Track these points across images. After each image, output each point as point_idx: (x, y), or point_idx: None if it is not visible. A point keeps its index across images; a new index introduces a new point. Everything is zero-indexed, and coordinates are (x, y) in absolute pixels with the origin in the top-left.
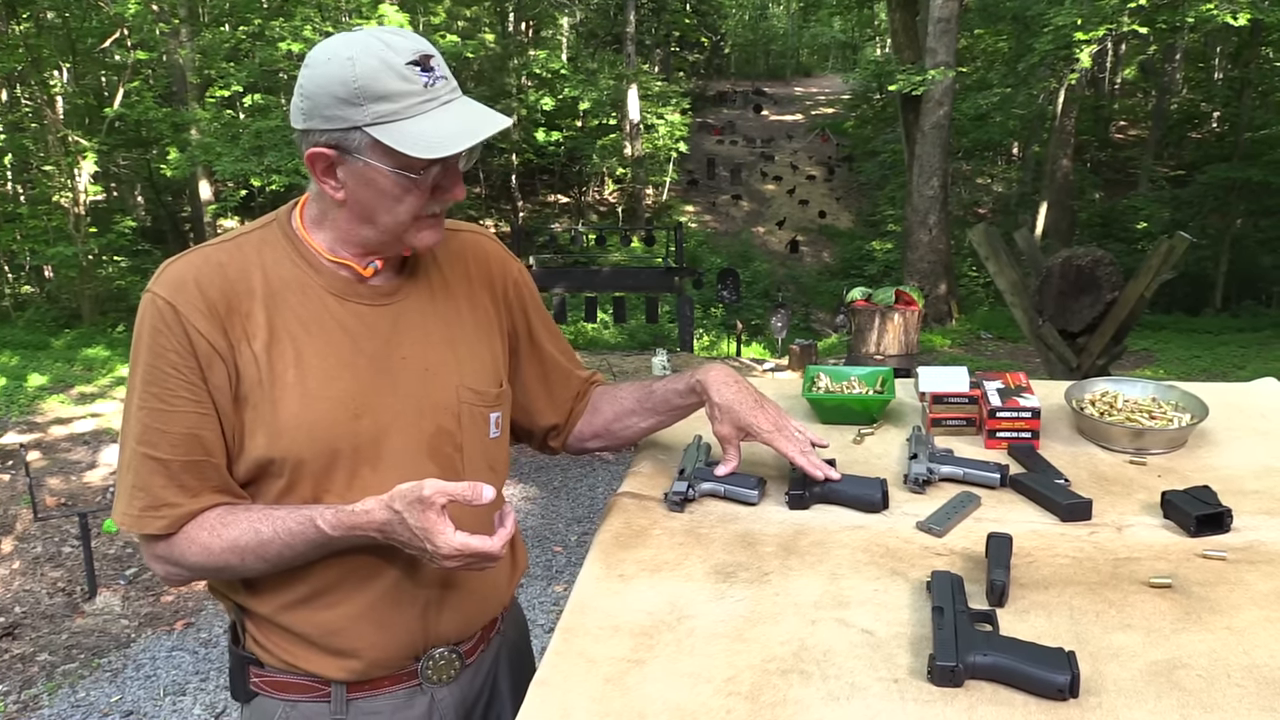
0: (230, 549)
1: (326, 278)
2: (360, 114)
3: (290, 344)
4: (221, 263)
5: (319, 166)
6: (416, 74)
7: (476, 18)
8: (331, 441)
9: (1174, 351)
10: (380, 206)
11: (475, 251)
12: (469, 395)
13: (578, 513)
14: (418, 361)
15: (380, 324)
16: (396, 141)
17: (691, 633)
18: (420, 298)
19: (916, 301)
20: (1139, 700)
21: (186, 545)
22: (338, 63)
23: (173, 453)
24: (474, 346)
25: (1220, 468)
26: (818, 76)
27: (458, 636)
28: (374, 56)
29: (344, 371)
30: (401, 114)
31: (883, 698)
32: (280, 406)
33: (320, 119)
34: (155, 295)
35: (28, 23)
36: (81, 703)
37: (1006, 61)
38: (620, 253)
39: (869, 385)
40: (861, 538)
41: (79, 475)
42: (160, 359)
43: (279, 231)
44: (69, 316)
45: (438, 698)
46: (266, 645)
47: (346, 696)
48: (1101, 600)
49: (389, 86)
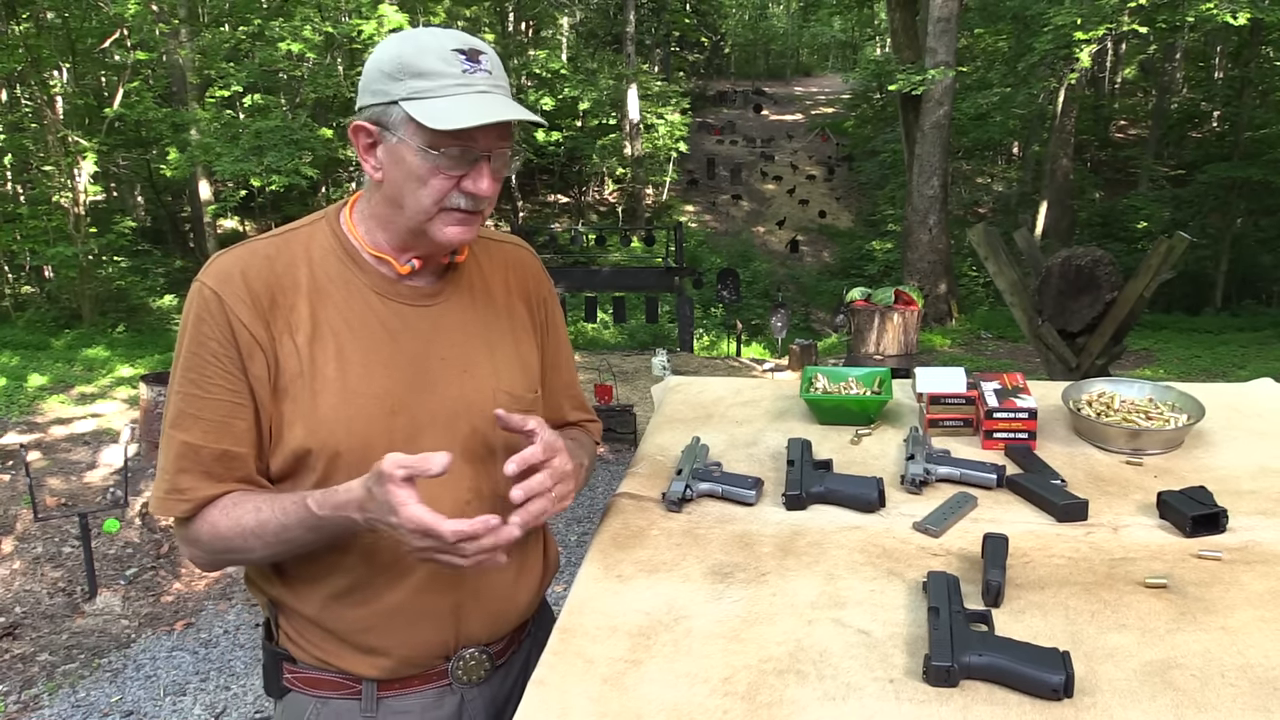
0: (235, 529)
1: (370, 276)
2: (399, 88)
3: (332, 339)
4: (269, 256)
5: (361, 142)
6: (459, 60)
7: (476, 18)
8: (368, 437)
9: (1174, 351)
10: (407, 188)
11: (515, 262)
12: (505, 399)
13: (577, 513)
14: (456, 363)
15: (421, 324)
16: (420, 114)
17: (689, 633)
18: (461, 301)
19: (916, 301)
20: (1133, 700)
21: (202, 526)
22: (393, 43)
23: (204, 439)
24: (511, 352)
25: (1217, 468)
26: (818, 76)
27: (488, 637)
28: (426, 39)
29: (383, 369)
30: (434, 92)
31: (878, 697)
32: (319, 400)
33: (369, 94)
34: (203, 285)
35: (27, 23)
36: (82, 703)
37: (1006, 61)
38: (620, 252)
39: (866, 386)
40: (858, 538)
41: (79, 475)
42: (202, 347)
43: (327, 228)
44: (69, 317)
45: (468, 698)
46: (299, 641)
47: (377, 695)
48: (1097, 600)
49: (428, 65)
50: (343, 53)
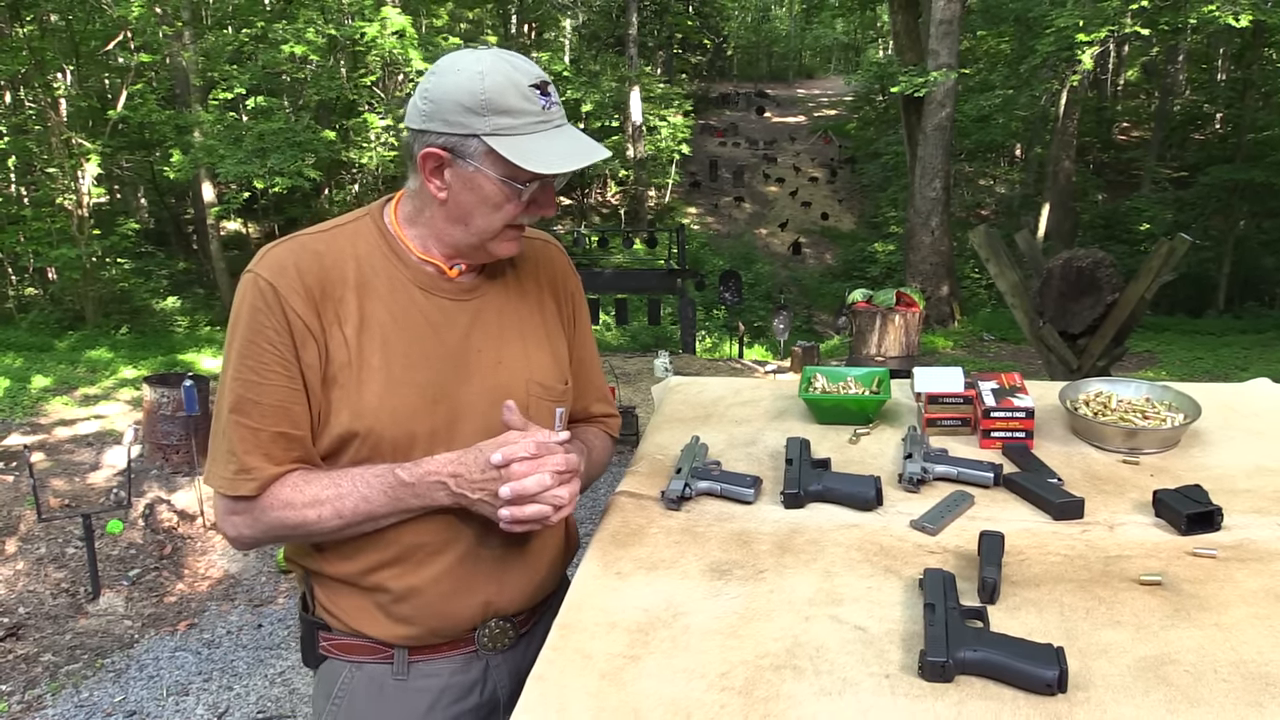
0: (310, 503)
1: (414, 271)
2: (482, 123)
3: (379, 331)
4: (319, 251)
5: (429, 165)
6: (537, 97)
7: (479, 20)
8: (410, 425)
9: (1176, 353)
10: (478, 211)
11: (545, 258)
12: (537, 389)
13: (577, 512)
14: (491, 355)
15: (460, 318)
16: (511, 153)
17: (687, 629)
18: (497, 296)
19: (917, 303)
20: (1127, 695)
21: (269, 503)
22: (468, 75)
23: (263, 422)
24: (543, 344)
25: (1213, 467)
26: (820, 78)
27: (515, 609)
28: (502, 75)
29: (426, 361)
30: (519, 129)
31: (874, 692)
32: (365, 389)
33: (441, 122)
34: (258, 276)
35: (31, 25)
36: (85, 703)
37: (1009, 63)
38: (623, 255)
39: (865, 386)
40: (855, 536)
41: (82, 476)
42: (259, 335)
43: (372, 225)
44: (72, 318)
45: (493, 664)
46: (334, 610)
47: (408, 659)
48: (1092, 597)
49: (512, 103)
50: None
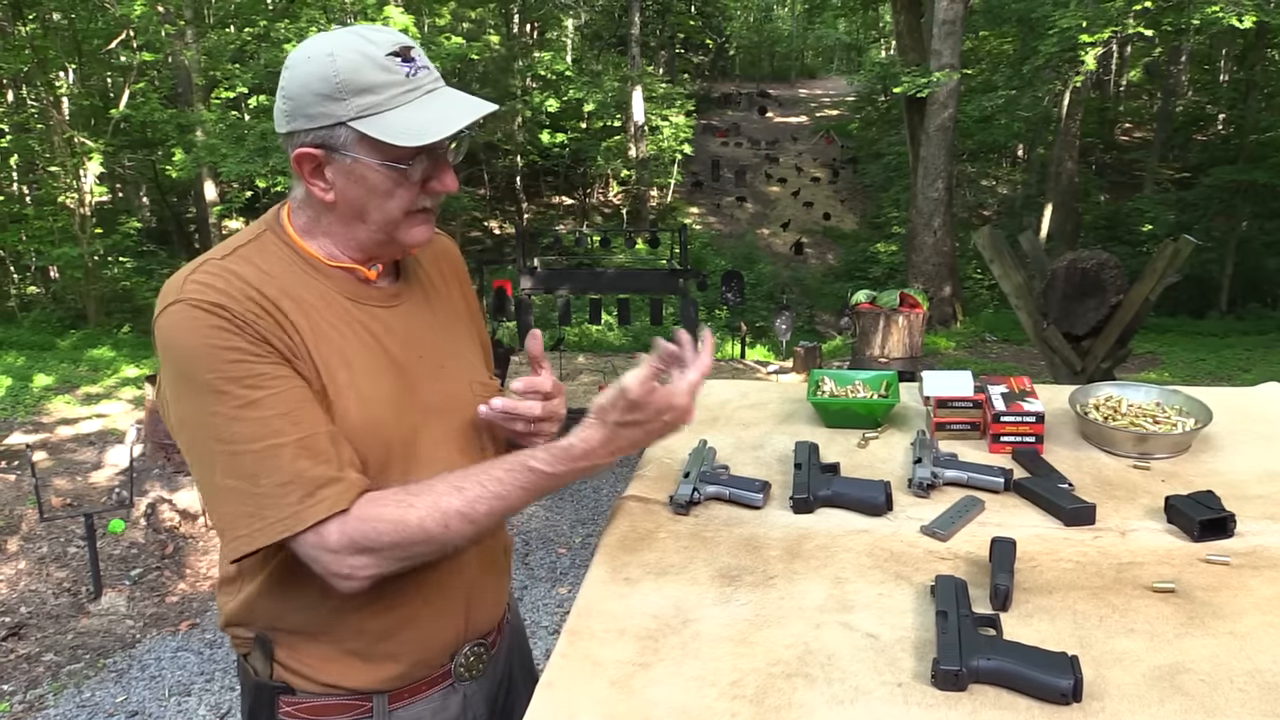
0: (432, 513)
1: (336, 282)
2: (344, 108)
3: (334, 347)
4: (237, 273)
5: (306, 168)
6: (397, 64)
7: (481, 19)
8: (386, 440)
9: (1179, 354)
10: (371, 203)
11: (443, 252)
12: (479, 388)
13: (582, 515)
14: (432, 360)
15: (396, 325)
16: (382, 132)
17: (696, 636)
18: (418, 299)
19: (921, 304)
20: (1142, 705)
21: (374, 525)
22: (318, 60)
23: (298, 430)
24: (472, 341)
25: (1224, 473)
26: (822, 78)
27: (488, 626)
28: (354, 50)
29: (383, 373)
30: (385, 105)
31: (886, 701)
32: (338, 409)
33: (304, 118)
34: (197, 304)
35: (34, 24)
36: (87, 703)
37: (1011, 64)
38: (625, 255)
39: (873, 389)
40: (866, 542)
41: (84, 476)
42: (231, 354)
43: (275, 240)
44: (74, 317)
45: (469, 694)
46: (299, 669)
47: (388, 708)
48: (1105, 605)
49: (371, 78)
50: None
